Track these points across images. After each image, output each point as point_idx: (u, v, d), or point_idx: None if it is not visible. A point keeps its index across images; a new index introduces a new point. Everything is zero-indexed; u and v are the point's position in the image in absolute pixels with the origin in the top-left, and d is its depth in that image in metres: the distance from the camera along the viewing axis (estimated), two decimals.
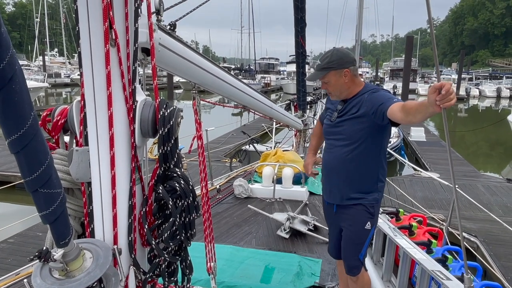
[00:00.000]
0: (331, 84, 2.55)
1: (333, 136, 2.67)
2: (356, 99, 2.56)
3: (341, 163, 2.64)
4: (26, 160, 0.96)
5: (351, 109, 2.58)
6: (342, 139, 2.60)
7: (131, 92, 1.25)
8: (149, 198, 1.34)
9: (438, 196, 7.39)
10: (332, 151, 2.68)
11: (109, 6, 1.13)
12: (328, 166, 2.73)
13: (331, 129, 2.68)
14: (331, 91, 2.60)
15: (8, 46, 0.87)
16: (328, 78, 2.54)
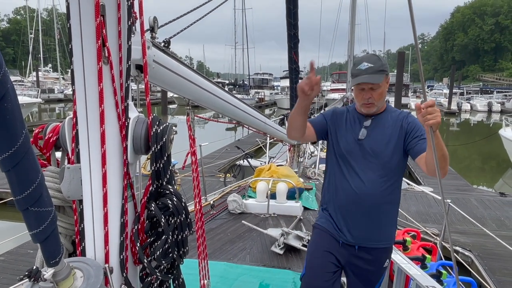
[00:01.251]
0: (380, 91, 2.15)
1: (361, 159, 2.17)
2: (388, 115, 2.24)
3: (374, 196, 2.15)
4: (17, 178, 0.95)
5: (385, 126, 2.20)
6: (375, 163, 2.15)
7: (123, 109, 1.25)
8: (141, 215, 1.33)
9: (432, 210, 7.40)
10: (359, 178, 2.16)
11: (102, 24, 1.14)
12: (351, 198, 2.17)
13: (356, 148, 2.18)
14: (376, 100, 2.16)
15: (0, 65, 0.87)
16: (382, 84, 2.14)
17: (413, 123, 2.16)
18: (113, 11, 1.18)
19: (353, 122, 2.27)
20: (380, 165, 2.14)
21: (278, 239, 4.84)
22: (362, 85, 2.14)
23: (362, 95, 2.17)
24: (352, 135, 2.23)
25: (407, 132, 2.17)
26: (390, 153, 2.16)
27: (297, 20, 6.13)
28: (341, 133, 2.27)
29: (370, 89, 2.14)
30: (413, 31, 1.96)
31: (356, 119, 2.28)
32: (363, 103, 2.19)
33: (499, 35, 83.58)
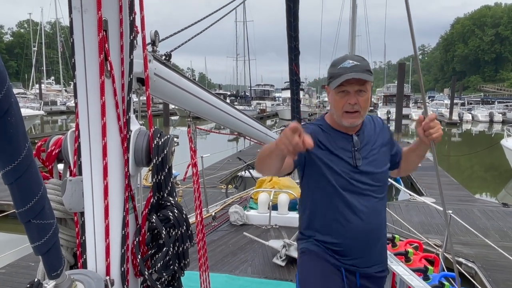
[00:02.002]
0: (367, 97, 1.81)
1: (364, 187, 1.89)
2: (367, 126, 1.99)
3: (380, 222, 1.97)
4: (19, 191, 0.96)
5: (372, 140, 1.95)
6: (377, 186, 1.92)
7: (125, 122, 1.26)
8: (143, 227, 1.34)
9: (434, 221, 7.36)
10: (365, 209, 1.88)
11: (104, 39, 1.16)
12: (360, 231, 1.89)
13: (355, 178, 1.87)
14: (362, 108, 1.81)
15: (4, 80, 0.89)
16: (368, 86, 1.82)
17: (385, 129, 2.03)
18: (116, 26, 1.20)
19: (338, 144, 1.89)
20: (380, 186, 1.94)
21: (280, 251, 4.82)
22: (347, 87, 1.77)
23: (346, 99, 1.78)
24: (344, 163, 1.87)
25: (387, 139, 2.01)
26: (385, 171, 1.97)
27: (298, 32, 6.17)
28: (331, 161, 1.87)
29: (356, 92, 1.78)
30: (412, 42, 1.98)
31: (340, 138, 1.90)
32: (345, 111, 1.80)
33: (499, 45, 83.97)
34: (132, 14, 1.25)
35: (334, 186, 1.87)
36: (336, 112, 1.86)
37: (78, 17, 1.15)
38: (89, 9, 1.14)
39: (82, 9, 1.14)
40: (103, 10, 1.14)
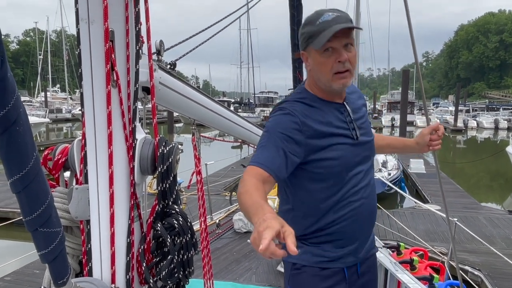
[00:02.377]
0: (354, 51, 1.56)
1: (365, 160, 1.67)
2: (348, 90, 1.72)
3: (374, 195, 1.75)
4: (27, 199, 0.97)
5: (356, 103, 1.74)
6: (369, 156, 1.72)
7: (131, 130, 1.28)
8: (148, 235, 1.35)
9: (440, 228, 7.32)
10: (366, 188, 1.67)
11: (111, 49, 1.18)
12: (363, 213, 1.67)
13: (357, 152, 1.64)
14: (353, 65, 1.55)
15: (13, 90, 0.91)
16: (353, 39, 1.57)
17: (360, 93, 1.85)
18: (122, 37, 1.22)
19: (329, 116, 1.60)
20: (372, 156, 1.76)
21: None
22: (334, 42, 1.48)
23: (335, 58, 1.50)
24: (345, 138, 1.60)
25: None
26: (373, 136, 1.78)
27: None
28: (331, 144, 1.57)
29: (345, 47, 1.50)
30: (413, 49, 1.99)
31: (333, 110, 1.62)
32: (336, 71, 1.52)
33: (503, 52, 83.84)
34: (138, 25, 1.27)
35: (339, 170, 1.59)
36: (324, 77, 1.54)
37: (85, 28, 1.17)
38: (96, 20, 1.16)
39: (89, 20, 1.16)
40: (109, 21, 1.16)
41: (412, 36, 2.00)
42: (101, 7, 1.15)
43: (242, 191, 1.37)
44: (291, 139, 1.50)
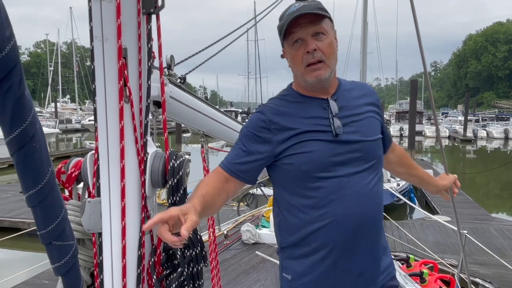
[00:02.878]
0: (329, 41, 1.43)
1: (349, 160, 1.43)
2: (345, 86, 1.57)
3: (372, 205, 1.47)
4: (41, 213, 1.00)
5: (353, 101, 1.53)
6: (361, 158, 1.45)
7: (142, 145, 1.31)
8: (158, 248, 1.36)
9: (450, 240, 7.23)
10: (354, 196, 1.42)
11: (124, 66, 1.21)
12: (345, 225, 1.42)
13: (338, 150, 1.42)
14: (326, 55, 1.41)
15: (30, 108, 0.94)
16: (327, 27, 1.43)
17: (374, 94, 1.64)
18: (134, 53, 1.25)
19: (308, 112, 1.46)
20: (370, 160, 1.48)
21: None
22: (299, 32, 1.40)
23: (303, 49, 1.40)
24: (322, 134, 1.42)
25: (379, 108, 1.63)
26: (377, 141, 1.54)
27: None
28: (305, 139, 1.42)
29: (313, 37, 1.40)
30: (422, 58, 2.00)
31: (315, 106, 1.47)
32: (307, 63, 1.41)
33: None
34: (150, 41, 1.30)
35: (309, 167, 1.41)
36: (298, 71, 1.46)
37: (99, 46, 1.21)
38: (110, 38, 1.19)
39: (103, 38, 1.20)
40: (123, 39, 1.19)
41: (421, 45, 2.01)
42: (115, 26, 1.19)
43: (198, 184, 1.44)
44: (257, 137, 1.46)
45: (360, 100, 1.55)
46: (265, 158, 1.46)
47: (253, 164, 1.46)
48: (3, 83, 0.90)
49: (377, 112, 1.59)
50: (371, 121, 1.55)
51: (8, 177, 16.10)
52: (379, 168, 1.53)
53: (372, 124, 1.54)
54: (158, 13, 1.30)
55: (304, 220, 1.46)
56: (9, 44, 0.90)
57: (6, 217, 8.94)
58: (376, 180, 1.49)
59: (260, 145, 1.46)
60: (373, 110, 1.57)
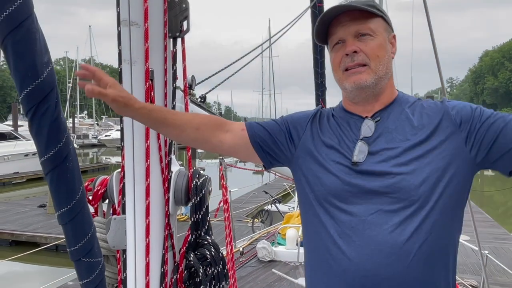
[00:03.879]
0: (378, 42, 1.16)
1: (364, 202, 1.10)
2: (401, 103, 1.20)
3: (398, 262, 1.06)
4: (72, 231, 1.03)
5: (402, 126, 1.15)
6: (397, 200, 1.08)
7: (167, 163, 1.34)
8: (180, 265, 1.38)
9: (469, 260, 7.07)
10: (360, 240, 1.08)
11: (150, 88, 1.26)
12: (351, 280, 1.09)
13: (352, 183, 1.12)
14: (372, 57, 1.15)
15: (65, 129, 0.98)
16: (376, 27, 1.17)
17: (471, 109, 1.14)
18: (161, 76, 1.30)
19: (341, 130, 1.21)
20: (402, 197, 1.08)
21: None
22: (339, 32, 1.18)
23: (342, 51, 1.17)
24: (340, 156, 1.16)
25: (474, 128, 1.10)
26: (426, 179, 1.08)
27: (324, 69, 6.31)
28: (320, 155, 1.19)
29: (356, 37, 1.16)
30: (439, 74, 2.02)
31: (346, 123, 1.21)
32: (345, 67, 1.17)
33: None
34: (175, 64, 1.35)
35: (314, 200, 1.18)
36: (336, 77, 1.22)
37: (127, 68, 1.26)
38: (138, 61, 1.24)
39: (131, 61, 1.25)
40: (150, 62, 1.24)
41: (438, 62, 2.03)
42: (143, 49, 1.23)
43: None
44: (280, 122, 1.29)
45: (419, 123, 1.14)
46: (286, 139, 1.25)
47: (275, 137, 1.25)
48: (41, 106, 0.95)
49: (453, 132, 1.12)
50: (432, 155, 1.10)
51: (26, 191, 16.38)
52: (430, 215, 1.07)
53: (429, 160, 1.10)
54: (183, 37, 1.35)
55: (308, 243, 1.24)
56: (47, 69, 0.96)
57: (24, 231, 9.08)
58: (418, 229, 1.06)
59: (289, 124, 1.27)
60: (446, 139, 1.11)
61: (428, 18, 2.03)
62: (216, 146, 1.24)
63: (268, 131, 1.25)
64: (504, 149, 1.06)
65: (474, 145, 1.10)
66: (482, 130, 1.08)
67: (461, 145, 1.10)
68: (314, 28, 1.22)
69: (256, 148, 1.24)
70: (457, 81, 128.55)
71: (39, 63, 0.94)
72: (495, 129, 1.07)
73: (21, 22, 0.90)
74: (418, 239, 1.05)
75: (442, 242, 1.09)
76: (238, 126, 1.25)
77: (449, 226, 1.11)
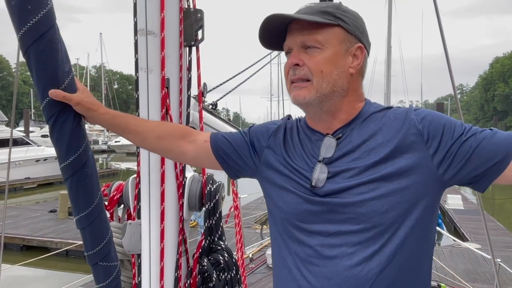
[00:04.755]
0: (322, 55, 1.04)
1: (328, 221, 1.03)
2: (371, 122, 1.08)
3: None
4: (90, 235, 1.06)
5: (370, 143, 1.05)
6: (357, 223, 1.00)
7: (181, 169, 1.36)
8: (194, 270, 1.40)
9: (481, 268, 6.99)
10: (329, 266, 1.01)
11: (166, 95, 1.29)
12: None
13: (311, 208, 1.05)
14: (315, 72, 1.04)
15: (84, 136, 1.01)
16: (326, 39, 1.05)
17: (441, 124, 1.02)
18: (176, 83, 1.32)
19: (302, 148, 1.13)
20: (371, 231, 1.00)
21: None
22: (288, 40, 1.09)
23: (289, 63, 1.09)
24: (299, 176, 1.09)
25: (444, 145, 1.00)
26: (392, 192, 1.00)
27: None
28: (281, 172, 1.13)
29: (302, 48, 1.06)
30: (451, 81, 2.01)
31: (308, 140, 1.13)
32: (291, 79, 1.09)
33: None
34: (190, 72, 1.37)
35: (276, 221, 1.14)
36: (286, 86, 1.14)
37: (143, 76, 1.29)
38: (154, 70, 1.27)
39: (147, 69, 1.28)
40: (166, 70, 1.27)
41: (450, 68, 2.03)
42: (159, 58, 1.26)
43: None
44: (244, 132, 1.23)
45: (376, 138, 1.05)
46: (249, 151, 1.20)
47: (233, 147, 1.20)
48: (62, 114, 0.98)
49: (419, 148, 1.01)
50: (382, 170, 1.01)
51: (36, 196, 16.54)
52: (393, 239, 0.99)
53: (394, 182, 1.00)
54: (198, 45, 1.38)
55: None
56: (68, 77, 0.99)
57: (35, 236, 9.16)
58: (378, 254, 0.99)
59: (253, 135, 1.21)
60: (389, 153, 1.02)
61: (440, 24, 2.04)
62: (178, 157, 1.24)
63: (231, 143, 1.20)
64: (477, 170, 0.98)
65: (443, 163, 1.00)
66: (453, 148, 0.98)
67: (428, 162, 1.00)
68: (258, 32, 1.11)
69: (219, 160, 1.20)
70: (467, 88, 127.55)
71: (61, 72, 0.97)
72: (467, 148, 0.97)
73: (43, 33, 0.93)
74: (379, 264, 0.98)
75: (409, 268, 1.01)
76: (202, 137, 1.22)
77: (417, 249, 1.02)
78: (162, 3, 1.24)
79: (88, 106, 1.06)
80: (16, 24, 0.92)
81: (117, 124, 1.15)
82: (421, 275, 1.04)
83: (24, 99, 59.90)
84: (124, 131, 1.16)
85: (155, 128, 1.19)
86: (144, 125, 1.19)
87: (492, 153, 0.96)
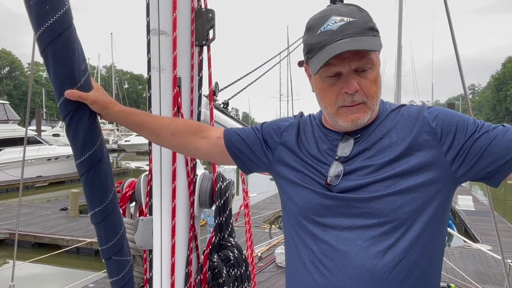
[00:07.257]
0: (375, 75, 1.05)
1: (343, 217, 1.05)
2: (385, 122, 1.10)
3: (378, 283, 1.00)
4: (104, 230, 1.08)
5: (387, 144, 1.07)
6: (372, 219, 1.03)
7: (192, 167, 1.38)
8: (204, 266, 1.42)
9: (491, 270, 6.93)
10: (333, 264, 1.03)
11: (178, 94, 1.31)
12: None
13: (327, 203, 1.07)
14: (369, 94, 1.04)
15: (99, 133, 1.04)
16: (376, 57, 1.06)
17: (454, 121, 1.04)
18: (187, 82, 1.35)
19: (317, 147, 1.14)
20: (385, 226, 1.02)
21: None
22: (338, 66, 1.03)
23: (340, 87, 1.04)
24: (315, 172, 1.11)
25: (457, 142, 1.03)
26: (410, 190, 1.02)
27: None
28: (295, 168, 1.15)
29: (355, 71, 1.03)
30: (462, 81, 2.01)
31: (325, 137, 1.14)
32: (343, 105, 1.05)
33: None
34: (201, 71, 1.40)
35: (290, 217, 1.15)
36: (326, 109, 1.10)
37: (156, 75, 1.31)
38: (166, 69, 1.30)
39: (160, 68, 1.30)
40: (178, 69, 1.29)
41: (460, 68, 2.02)
42: (171, 57, 1.29)
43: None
44: (257, 129, 1.24)
45: (403, 136, 1.06)
46: (262, 148, 1.22)
47: (247, 140, 1.22)
48: (77, 111, 1.01)
49: (432, 145, 1.04)
50: (396, 166, 1.04)
51: (48, 194, 16.73)
52: (407, 234, 1.01)
53: (410, 177, 1.03)
54: (209, 45, 1.40)
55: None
56: (84, 76, 1.01)
57: (46, 233, 9.28)
58: (393, 248, 1.00)
59: (265, 132, 1.23)
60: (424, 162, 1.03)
61: (450, 24, 2.04)
62: (192, 153, 1.27)
63: (244, 139, 1.22)
64: (490, 167, 1.00)
65: (456, 160, 1.02)
66: (466, 146, 1.01)
67: (441, 159, 1.03)
68: (311, 49, 1.06)
69: (233, 156, 1.22)
70: (479, 88, 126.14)
71: (77, 70, 0.99)
72: (480, 145, 1.00)
73: (61, 32, 0.96)
74: (394, 258, 1.00)
75: (422, 262, 1.03)
76: (215, 133, 1.24)
77: (430, 245, 1.04)
78: (174, 3, 1.27)
79: (104, 104, 1.11)
80: (35, 24, 0.95)
81: (132, 121, 1.19)
82: (433, 270, 1.06)
83: (36, 99, 60.53)
84: (139, 128, 1.20)
85: (169, 125, 1.21)
86: (159, 122, 1.22)
87: (504, 150, 0.98)
